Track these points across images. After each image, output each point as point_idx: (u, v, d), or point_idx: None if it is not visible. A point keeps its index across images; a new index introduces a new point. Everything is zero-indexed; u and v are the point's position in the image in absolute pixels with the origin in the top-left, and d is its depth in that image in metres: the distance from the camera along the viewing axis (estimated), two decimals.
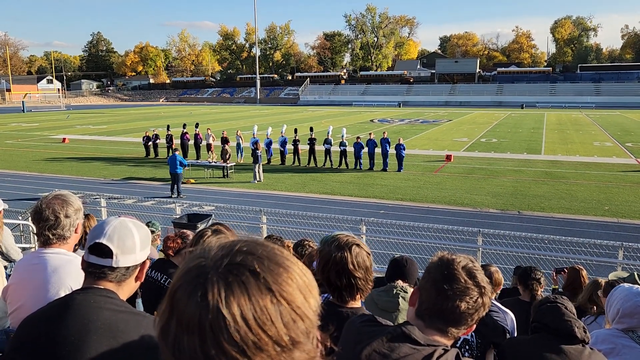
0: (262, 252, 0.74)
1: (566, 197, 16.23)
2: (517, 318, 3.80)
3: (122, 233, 1.73)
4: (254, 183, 18.85)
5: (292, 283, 0.72)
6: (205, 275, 0.71)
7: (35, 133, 38.74)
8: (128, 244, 1.73)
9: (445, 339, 1.54)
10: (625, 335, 2.69)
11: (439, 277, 1.54)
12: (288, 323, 0.70)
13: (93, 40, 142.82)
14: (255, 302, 0.68)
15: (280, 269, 0.73)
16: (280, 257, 0.75)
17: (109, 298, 1.68)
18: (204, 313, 0.67)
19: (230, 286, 0.69)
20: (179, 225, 8.65)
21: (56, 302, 1.71)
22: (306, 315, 0.72)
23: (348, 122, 45.49)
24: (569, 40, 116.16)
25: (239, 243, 0.76)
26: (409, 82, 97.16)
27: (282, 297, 0.70)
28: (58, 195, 2.38)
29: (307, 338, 0.72)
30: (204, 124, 30.25)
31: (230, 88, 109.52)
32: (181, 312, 0.69)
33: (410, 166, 21.75)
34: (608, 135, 34.99)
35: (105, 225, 1.73)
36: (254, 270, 0.71)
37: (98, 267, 1.71)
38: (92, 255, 1.71)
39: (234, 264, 0.72)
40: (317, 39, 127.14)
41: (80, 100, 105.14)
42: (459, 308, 1.49)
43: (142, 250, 1.77)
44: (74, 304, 1.65)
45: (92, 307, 1.63)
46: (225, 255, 0.73)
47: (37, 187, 17.65)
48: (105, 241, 1.69)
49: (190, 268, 0.73)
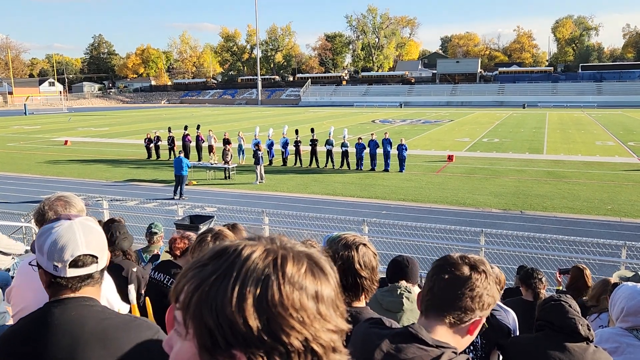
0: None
1: (569, 197, 16.19)
2: (520, 317, 3.80)
3: (93, 236, 1.63)
4: (256, 184, 18.86)
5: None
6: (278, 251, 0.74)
7: (37, 136, 38.82)
8: (102, 244, 1.66)
9: (451, 334, 1.52)
10: (629, 334, 2.68)
11: (440, 267, 1.58)
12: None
13: (94, 43, 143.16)
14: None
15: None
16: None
17: (90, 307, 1.59)
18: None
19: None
20: (181, 226, 8.66)
21: (31, 319, 1.59)
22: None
23: (350, 123, 45.49)
24: (570, 39, 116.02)
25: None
26: (411, 83, 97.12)
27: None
28: (61, 196, 2.38)
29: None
30: (205, 126, 30.29)
31: (231, 89, 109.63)
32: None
33: (412, 166, 21.73)
34: (610, 135, 34.92)
35: (71, 233, 1.58)
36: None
37: (81, 279, 1.60)
38: (72, 268, 1.58)
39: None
40: (318, 40, 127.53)
41: (82, 102, 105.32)
42: (445, 280, 1.53)
43: (106, 245, 1.70)
44: (54, 319, 1.54)
45: (75, 320, 1.54)
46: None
47: (39, 190, 17.69)
48: (87, 251, 1.59)
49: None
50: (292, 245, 0.75)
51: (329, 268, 0.75)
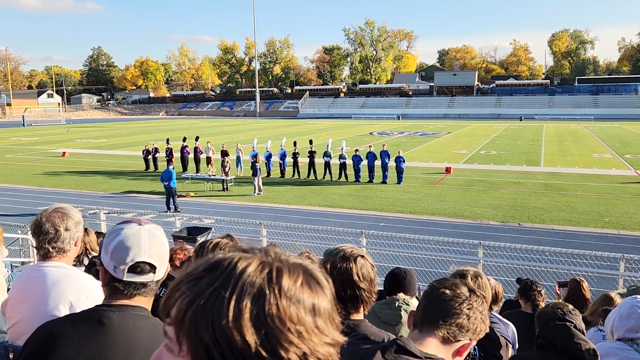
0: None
1: (566, 209, 16.21)
2: (519, 329, 3.79)
3: (157, 246, 1.64)
4: (254, 196, 18.84)
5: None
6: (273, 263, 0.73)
7: (35, 147, 38.81)
8: (164, 256, 1.67)
9: (442, 350, 1.53)
10: (629, 348, 2.67)
11: (440, 284, 1.67)
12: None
13: (93, 55, 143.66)
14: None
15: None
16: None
17: (146, 318, 1.62)
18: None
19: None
20: (179, 238, 8.62)
21: (87, 318, 1.61)
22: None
23: (347, 135, 45.59)
24: (566, 53, 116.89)
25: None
26: (408, 95, 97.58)
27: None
28: (58, 208, 2.37)
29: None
30: (204, 138, 30.33)
31: (230, 101, 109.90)
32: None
33: (409, 178, 21.75)
34: (607, 147, 35.06)
35: (138, 238, 1.61)
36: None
37: (135, 286, 1.63)
38: (131, 273, 1.61)
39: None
40: (317, 52, 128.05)
41: (81, 114, 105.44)
42: (444, 294, 1.61)
43: (168, 259, 1.72)
44: (113, 325, 1.57)
45: (132, 330, 1.57)
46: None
47: (36, 201, 17.64)
48: (147, 259, 1.61)
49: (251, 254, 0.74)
50: (287, 258, 0.74)
51: (324, 280, 0.75)
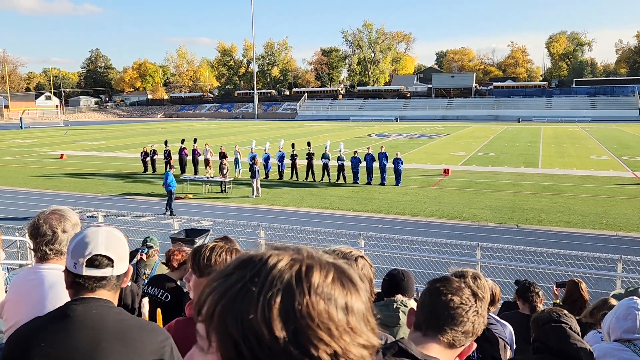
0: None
1: (564, 211, 16.24)
2: (517, 331, 3.79)
3: (114, 242, 1.77)
4: (252, 198, 18.83)
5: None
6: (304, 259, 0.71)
7: (33, 149, 38.75)
8: (122, 252, 1.78)
9: (443, 351, 1.52)
10: (626, 349, 2.67)
11: (433, 284, 1.63)
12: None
13: (91, 57, 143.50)
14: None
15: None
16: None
17: (109, 307, 1.72)
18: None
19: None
20: (176, 240, 8.61)
21: (54, 314, 1.71)
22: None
23: (346, 137, 45.62)
24: (564, 55, 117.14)
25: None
26: (406, 97, 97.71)
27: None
28: (55, 210, 2.37)
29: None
30: (202, 140, 30.33)
31: (228, 103, 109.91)
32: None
33: (408, 180, 21.77)
34: (604, 149, 35.13)
35: (95, 235, 1.75)
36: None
37: (96, 279, 1.73)
38: (89, 267, 1.72)
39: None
40: (315, 54, 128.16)
41: (79, 116, 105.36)
42: (452, 302, 1.55)
43: (127, 256, 1.84)
44: (76, 315, 1.66)
45: (97, 317, 1.66)
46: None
47: (34, 203, 17.60)
48: (104, 252, 1.72)
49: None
50: (320, 256, 0.72)
51: (359, 280, 0.72)
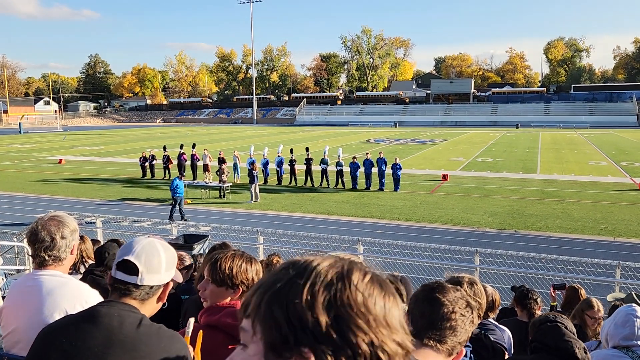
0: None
1: (562, 216, 16.25)
2: (515, 337, 3.78)
3: (149, 252, 1.79)
4: (251, 203, 18.82)
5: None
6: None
7: (31, 154, 38.71)
8: (154, 264, 1.79)
9: (441, 358, 1.53)
10: (624, 355, 2.67)
11: (432, 292, 1.67)
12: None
13: (91, 62, 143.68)
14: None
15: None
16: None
17: (132, 312, 1.74)
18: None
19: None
20: (175, 246, 8.59)
21: (83, 313, 1.78)
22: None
23: (344, 142, 45.66)
24: (562, 60, 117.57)
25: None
26: (405, 103, 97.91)
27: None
28: (54, 216, 2.37)
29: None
30: (201, 145, 30.34)
31: (227, 109, 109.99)
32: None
33: (406, 186, 21.78)
34: (603, 155, 35.20)
35: (134, 243, 1.81)
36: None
37: (123, 284, 1.77)
38: (119, 271, 1.77)
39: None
40: (314, 60, 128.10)
41: (77, 121, 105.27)
42: (454, 314, 1.60)
43: (167, 271, 1.84)
44: (99, 316, 1.70)
45: (116, 320, 1.69)
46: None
47: (32, 209, 17.58)
48: (132, 259, 1.76)
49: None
50: (360, 263, 0.79)
51: (394, 290, 0.78)
